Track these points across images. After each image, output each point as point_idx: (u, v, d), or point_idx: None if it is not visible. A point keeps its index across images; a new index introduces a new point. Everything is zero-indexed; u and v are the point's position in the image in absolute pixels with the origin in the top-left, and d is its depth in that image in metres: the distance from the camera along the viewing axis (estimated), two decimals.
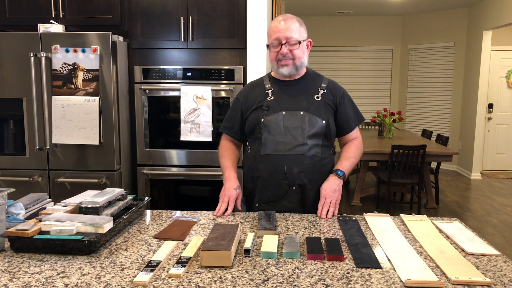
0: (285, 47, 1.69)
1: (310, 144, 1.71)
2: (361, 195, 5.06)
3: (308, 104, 1.75)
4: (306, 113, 1.72)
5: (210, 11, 2.88)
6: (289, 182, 1.71)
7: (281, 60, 1.71)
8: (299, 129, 1.71)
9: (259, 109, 1.76)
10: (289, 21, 1.70)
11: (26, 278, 1.09)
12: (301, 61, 1.74)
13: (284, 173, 1.70)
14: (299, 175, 1.70)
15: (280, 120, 1.72)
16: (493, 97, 6.90)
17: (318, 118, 1.72)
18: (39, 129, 2.79)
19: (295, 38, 1.69)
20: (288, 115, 1.72)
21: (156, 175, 3.03)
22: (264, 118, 1.73)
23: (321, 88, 1.79)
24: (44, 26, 2.80)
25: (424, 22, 7.34)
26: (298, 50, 1.71)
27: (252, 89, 1.85)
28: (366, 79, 7.83)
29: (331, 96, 1.79)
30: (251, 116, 1.78)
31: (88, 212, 1.41)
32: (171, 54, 2.96)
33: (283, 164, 1.70)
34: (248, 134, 1.83)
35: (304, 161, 1.70)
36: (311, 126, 1.71)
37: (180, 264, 1.16)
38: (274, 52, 1.72)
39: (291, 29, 1.69)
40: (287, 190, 1.72)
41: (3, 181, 2.84)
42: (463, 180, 6.46)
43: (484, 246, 1.33)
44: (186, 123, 2.91)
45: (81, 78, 2.72)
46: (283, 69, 1.73)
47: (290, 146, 1.70)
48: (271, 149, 1.72)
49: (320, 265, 1.18)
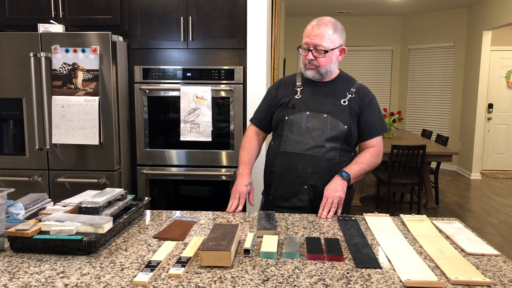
0: (311, 54, 1.72)
1: (328, 147, 1.73)
2: (361, 195, 5.06)
3: (334, 107, 1.76)
4: (329, 116, 1.74)
5: (210, 11, 2.88)
6: (301, 181, 1.74)
7: (307, 64, 1.76)
8: (320, 131, 1.73)
9: (285, 106, 1.80)
10: (323, 28, 1.70)
11: (25, 278, 1.09)
12: (326, 69, 1.76)
13: (298, 172, 1.74)
14: (313, 175, 1.73)
15: (303, 120, 1.75)
16: (493, 97, 6.90)
17: (340, 123, 1.74)
18: (39, 129, 2.79)
19: (323, 47, 1.70)
20: (311, 116, 1.75)
21: (156, 175, 3.02)
22: (288, 116, 1.77)
23: (349, 92, 1.80)
24: (44, 26, 2.79)
25: (424, 22, 7.34)
26: (324, 58, 1.73)
27: (284, 85, 1.89)
28: (366, 79, 7.83)
29: (358, 100, 1.80)
30: (277, 112, 1.83)
31: (88, 212, 1.41)
32: (171, 54, 2.96)
33: (298, 162, 1.73)
34: (273, 129, 1.88)
35: (320, 163, 1.72)
36: (332, 129, 1.73)
37: (180, 264, 1.16)
38: (303, 56, 1.76)
39: (322, 36, 1.70)
40: (298, 188, 1.75)
41: (3, 181, 2.84)
42: (463, 180, 6.46)
43: (483, 246, 1.33)
44: (186, 123, 2.91)
45: (81, 78, 2.72)
46: (308, 72, 1.77)
47: (308, 146, 1.73)
48: (290, 147, 1.75)
49: (320, 265, 1.18)
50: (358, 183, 5.03)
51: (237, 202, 1.72)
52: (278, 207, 1.80)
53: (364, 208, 4.91)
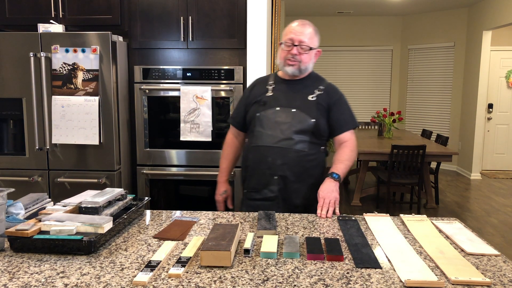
0: (295, 49, 1.79)
1: (297, 139, 1.80)
2: (361, 195, 5.06)
3: (302, 103, 1.85)
4: (297, 110, 1.83)
5: (210, 11, 2.88)
6: (271, 172, 1.82)
7: (289, 59, 1.81)
8: (288, 125, 1.81)
9: (257, 103, 1.89)
10: (307, 27, 1.81)
11: (25, 278, 1.09)
12: (306, 66, 1.85)
13: (268, 164, 1.82)
14: (282, 166, 1.80)
15: (273, 115, 1.83)
16: (493, 97, 6.90)
17: (307, 117, 1.82)
18: (38, 129, 2.79)
19: (307, 44, 1.80)
20: (281, 111, 1.83)
21: (156, 175, 3.02)
22: (260, 113, 1.85)
23: (318, 89, 1.88)
24: (44, 26, 2.79)
25: (424, 22, 7.34)
26: (307, 55, 1.82)
27: (258, 85, 1.99)
28: (366, 79, 7.84)
29: (326, 98, 1.87)
30: (250, 110, 1.92)
31: (87, 212, 1.41)
32: (171, 54, 2.96)
33: (268, 155, 1.82)
34: (248, 125, 1.96)
35: (288, 154, 1.80)
36: (300, 122, 1.81)
37: (180, 264, 1.16)
38: (285, 51, 1.82)
39: (306, 34, 1.80)
40: (269, 180, 1.83)
41: (3, 181, 2.84)
42: (462, 180, 6.46)
43: (483, 246, 1.33)
44: (186, 123, 2.91)
45: (81, 78, 2.72)
46: (288, 68, 1.83)
47: (277, 139, 1.81)
48: (261, 141, 1.84)
49: (319, 265, 1.18)
50: (358, 183, 5.03)
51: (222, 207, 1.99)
52: (251, 199, 1.89)
53: (364, 208, 4.91)
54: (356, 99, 7.83)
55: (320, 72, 1.99)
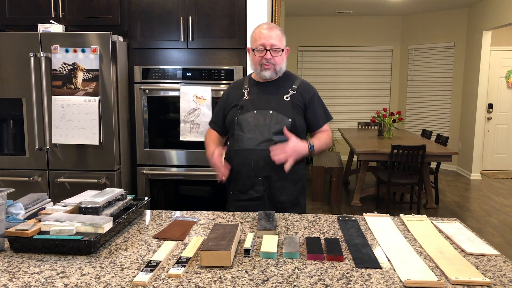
0: (269, 53, 1.85)
1: (276, 139, 1.85)
2: (361, 195, 5.06)
3: (278, 104, 1.89)
4: (274, 112, 1.87)
5: (210, 11, 2.88)
6: (256, 173, 1.87)
7: (264, 64, 1.87)
8: (267, 127, 1.86)
9: (235, 108, 1.93)
10: (274, 30, 1.87)
11: (25, 278, 1.09)
12: (281, 67, 1.91)
13: (251, 166, 1.87)
14: (265, 167, 1.85)
15: (251, 118, 1.88)
16: (493, 97, 6.90)
17: (284, 117, 1.87)
18: (38, 129, 2.79)
19: (278, 46, 1.86)
20: (258, 114, 1.88)
21: (156, 175, 3.02)
22: (238, 117, 1.90)
23: (291, 89, 1.93)
24: (43, 26, 2.79)
25: (424, 22, 7.34)
26: (280, 57, 1.88)
27: (234, 89, 2.03)
28: (366, 79, 7.84)
29: (300, 97, 1.93)
30: (229, 114, 1.96)
31: (87, 212, 1.41)
32: (170, 54, 2.96)
33: (251, 157, 1.86)
34: (228, 130, 2.00)
35: (269, 155, 1.81)
36: (278, 123, 1.86)
37: (180, 264, 1.16)
38: (259, 57, 1.87)
39: (276, 37, 1.86)
40: (254, 181, 1.88)
41: (3, 181, 2.84)
42: (462, 180, 6.46)
43: (483, 246, 1.33)
44: (185, 123, 2.91)
45: (81, 78, 2.72)
46: (265, 72, 1.88)
47: (258, 141, 1.86)
48: (242, 144, 1.89)
49: (319, 265, 1.18)
50: (358, 183, 5.03)
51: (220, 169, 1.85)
52: (237, 200, 1.93)
53: (364, 208, 4.91)
54: (356, 99, 7.84)
55: (320, 72, 2.01)
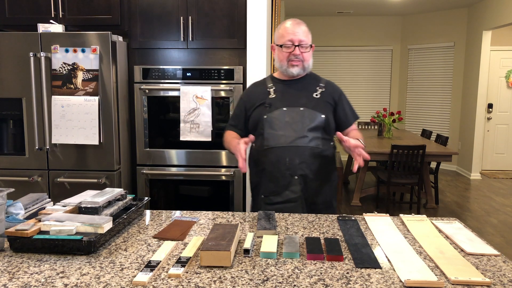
0: (298, 49, 1.80)
1: (310, 136, 1.79)
2: (360, 195, 5.06)
3: (307, 100, 1.85)
4: (306, 108, 1.82)
5: (210, 11, 2.88)
6: (291, 172, 1.79)
7: (292, 60, 1.82)
8: (300, 123, 1.80)
9: (261, 106, 1.86)
10: (302, 26, 1.84)
11: (25, 278, 1.09)
12: (309, 63, 1.87)
13: (286, 164, 1.78)
14: (301, 165, 1.78)
15: (282, 115, 1.81)
16: (493, 97, 6.90)
17: (317, 113, 1.82)
18: (38, 129, 2.79)
19: (307, 42, 1.82)
20: (289, 111, 1.82)
21: (156, 175, 3.02)
22: (267, 115, 1.82)
23: (319, 87, 1.89)
24: (43, 26, 2.79)
25: (424, 22, 7.34)
26: (308, 53, 1.85)
27: (255, 89, 1.96)
28: (366, 79, 7.84)
29: (329, 94, 1.89)
30: (254, 114, 1.87)
31: (87, 212, 1.41)
32: (170, 54, 2.96)
33: (285, 155, 1.78)
34: (251, 130, 1.90)
35: (305, 152, 1.78)
36: (311, 120, 1.80)
37: (180, 264, 1.16)
38: (286, 53, 1.82)
39: (303, 33, 1.82)
40: (290, 180, 1.79)
41: (3, 181, 2.84)
42: (462, 180, 6.46)
43: (483, 246, 1.33)
44: (185, 123, 2.91)
45: (81, 78, 2.72)
46: (293, 69, 1.83)
47: (291, 138, 1.78)
48: (274, 142, 1.80)
49: (319, 265, 1.18)
50: (358, 183, 5.03)
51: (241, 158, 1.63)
52: (270, 204, 1.83)
53: (364, 208, 4.91)
54: (356, 99, 7.83)
55: (320, 72, 2.01)
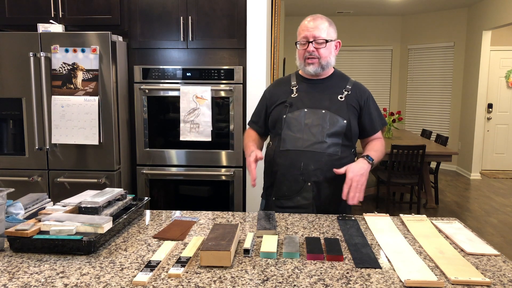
0: (311, 45, 1.72)
1: (329, 142, 1.72)
2: None
3: (331, 103, 1.76)
4: (328, 112, 1.73)
5: (210, 11, 2.88)
6: (305, 178, 1.72)
7: (307, 58, 1.74)
8: (319, 127, 1.72)
9: (282, 105, 1.79)
10: (318, 20, 1.74)
11: (25, 278, 1.09)
12: (327, 61, 1.77)
13: (301, 169, 1.71)
14: (316, 172, 1.71)
15: (302, 117, 1.74)
16: (493, 97, 6.90)
17: (339, 118, 1.73)
18: (38, 129, 2.79)
19: (322, 37, 1.72)
20: (309, 113, 1.74)
21: (156, 175, 3.02)
22: (286, 115, 1.76)
23: (345, 89, 1.81)
24: (43, 26, 2.79)
25: (424, 22, 7.34)
26: (325, 49, 1.74)
27: (278, 85, 1.89)
28: (366, 79, 7.83)
29: (355, 97, 1.80)
30: (274, 112, 1.82)
31: (87, 212, 1.41)
32: (170, 54, 2.96)
33: (300, 160, 1.71)
34: (270, 129, 1.87)
35: (321, 158, 1.71)
36: (332, 124, 1.72)
37: (180, 264, 1.16)
38: (302, 50, 1.76)
39: (320, 28, 1.72)
40: (302, 186, 1.72)
41: (3, 181, 2.84)
42: (462, 180, 6.46)
43: (483, 246, 1.33)
44: (185, 123, 2.91)
45: (81, 78, 2.72)
46: (309, 67, 1.76)
47: (309, 142, 1.71)
48: (290, 144, 1.74)
49: (319, 265, 1.18)
50: None
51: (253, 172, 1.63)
52: (281, 207, 1.77)
53: (364, 208, 4.91)
54: None
55: None
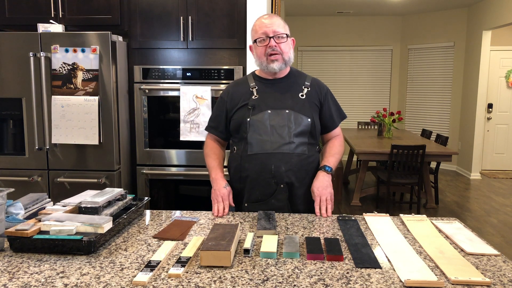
0: (273, 40, 1.70)
1: (297, 142, 1.72)
2: (360, 195, 5.06)
3: (293, 102, 1.75)
4: (291, 111, 1.73)
5: (210, 11, 2.88)
6: (277, 180, 1.71)
7: (270, 55, 1.71)
8: (285, 128, 1.71)
9: (244, 108, 1.76)
10: (274, 18, 1.74)
11: (25, 278, 1.09)
12: (289, 56, 1.75)
13: (272, 172, 1.70)
14: (287, 173, 1.71)
15: (266, 119, 1.72)
16: (493, 97, 6.90)
17: (303, 116, 1.73)
18: (38, 129, 2.79)
19: (282, 32, 1.71)
20: (273, 114, 1.72)
21: (156, 175, 3.02)
22: (250, 118, 1.72)
23: (305, 86, 1.80)
24: (43, 26, 2.79)
25: (424, 22, 7.34)
26: (285, 44, 1.72)
27: (237, 88, 1.84)
28: (366, 79, 7.84)
29: (315, 94, 1.80)
30: (236, 115, 1.78)
31: (87, 212, 1.41)
32: (170, 54, 2.96)
33: (270, 162, 1.70)
34: (233, 133, 1.83)
35: (291, 159, 1.71)
36: (297, 124, 1.72)
37: (180, 264, 1.16)
38: (262, 47, 1.72)
39: (277, 24, 1.71)
40: (275, 189, 1.72)
41: (3, 181, 2.84)
42: (462, 180, 6.46)
43: (483, 246, 1.33)
44: (185, 123, 2.91)
45: (81, 78, 2.72)
46: (273, 64, 1.72)
47: (277, 144, 1.71)
48: (258, 148, 1.72)
49: (319, 265, 1.18)
50: (358, 183, 5.03)
51: (223, 204, 1.68)
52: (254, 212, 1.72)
53: (364, 208, 4.91)
54: (356, 99, 7.83)
55: (319, 73, 1.97)
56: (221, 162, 1.87)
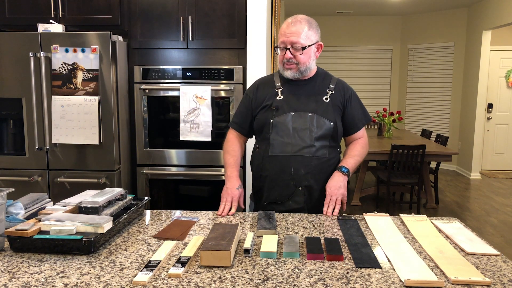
0: (289, 52, 1.70)
1: (318, 145, 1.73)
2: (360, 195, 5.06)
3: (317, 105, 1.76)
4: (314, 114, 1.74)
5: (210, 11, 2.88)
6: (296, 183, 1.73)
7: (285, 63, 1.73)
8: (307, 131, 1.73)
9: (268, 108, 1.78)
10: (297, 25, 1.69)
11: (25, 278, 1.09)
12: (306, 66, 1.74)
13: (291, 174, 1.73)
14: (306, 176, 1.73)
15: (289, 121, 1.74)
16: (493, 97, 6.90)
17: (326, 120, 1.74)
18: (38, 129, 2.79)
19: (300, 44, 1.69)
20: (296, 116, 1.74)
21: (156, 175, 3.02)
22: (273, 119, 1.75)
23: (329, 89, 1.80)
24: (43, 26, 2.79)
25: (424, 22, 7.34)
26: (303, 55, 1.71)
27: (263, 86, 1.86)
28: (366, 79, 7.84)
29: (339, 96, 1.80)
30: (260, 115, 1.80)
31: (87, 212, 1.41)
32: (170, 54, 2.96)
33: (290, 165, 1.72)
34: (256, 132, 1.86)
35: (311, 162, 1.72)
36: (319, 127, 1.73)
37: (180, 264, 1.16)
38: (281, 55, 1.74)
39: (298, 33, 1.68)
40: (293, 191, 1.74)
41: (3, 181, 2.84)
42: (462, 180, 6.46)
43: (483, 246, 1.33)
44: (185, 123, 2.91)
45: (81, 78, 2.72)
46: (287, 72, 1.75)
47: (298, 147, 1.72)
48: (279, 150, 1.74)
49: (319, 265, 1.18)
50: (358, 183, 5.03)
51: (230, 205, 1.70)
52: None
53: (364, 208, 4.91)
54: None
55: None
56: (238, 160, 1.88)
